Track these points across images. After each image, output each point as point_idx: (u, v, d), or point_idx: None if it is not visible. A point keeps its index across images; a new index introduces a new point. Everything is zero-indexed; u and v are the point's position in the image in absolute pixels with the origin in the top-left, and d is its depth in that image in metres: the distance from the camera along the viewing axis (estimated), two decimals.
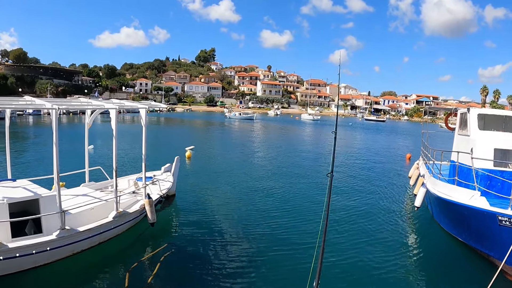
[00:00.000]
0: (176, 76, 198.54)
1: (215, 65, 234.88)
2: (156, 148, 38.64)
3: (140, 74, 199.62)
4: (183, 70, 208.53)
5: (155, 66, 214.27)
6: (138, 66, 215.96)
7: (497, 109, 22.49)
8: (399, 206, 21.63)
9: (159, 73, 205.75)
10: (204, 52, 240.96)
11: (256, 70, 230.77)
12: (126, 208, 14.24)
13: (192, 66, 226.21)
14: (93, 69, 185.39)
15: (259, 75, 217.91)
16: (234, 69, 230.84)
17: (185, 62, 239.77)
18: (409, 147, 55.59)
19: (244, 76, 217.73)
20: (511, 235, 11.90)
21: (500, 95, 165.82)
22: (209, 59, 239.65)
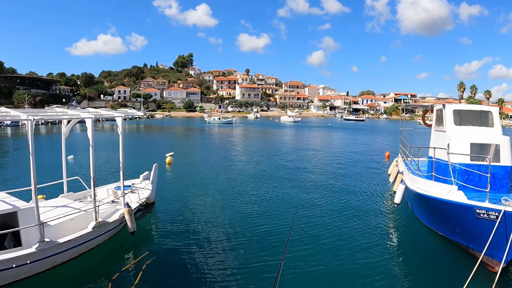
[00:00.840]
0: (155, 83, 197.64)
1: (193, 70, 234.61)
2: (136, 156, 38.33)
3: (118, 82, 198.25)
4: (162, 76, 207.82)
5: (133, 73, 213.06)
6: (116, 74, 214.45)
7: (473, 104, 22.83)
8: (380, 203, 21.80)
9: (137, 80, 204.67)
10: (182, 57, 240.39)
11: (235, 74, 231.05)
12: (105, 217, 14.07)
13: (170, 72, 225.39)
14: (70, 77, 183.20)
15: (237, 79, 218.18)
16: (212, 74, 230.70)
17: (163, 68, 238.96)
18: (388, 145, 56.09)
19: (223, 80, 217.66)
20: (489, 227, 12.09)
21: (477, 90, 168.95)
22: (187, 65, 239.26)
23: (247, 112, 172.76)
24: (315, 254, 14.21)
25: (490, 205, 12.34)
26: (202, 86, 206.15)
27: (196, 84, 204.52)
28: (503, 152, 15.83)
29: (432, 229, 16.66)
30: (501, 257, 11.88)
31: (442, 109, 18.49)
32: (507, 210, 11.70)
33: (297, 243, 15.11)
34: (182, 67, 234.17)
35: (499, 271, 11.51)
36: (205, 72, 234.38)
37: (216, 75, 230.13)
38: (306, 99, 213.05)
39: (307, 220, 18.09)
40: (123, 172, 15.20)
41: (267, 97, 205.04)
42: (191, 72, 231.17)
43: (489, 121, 17.59)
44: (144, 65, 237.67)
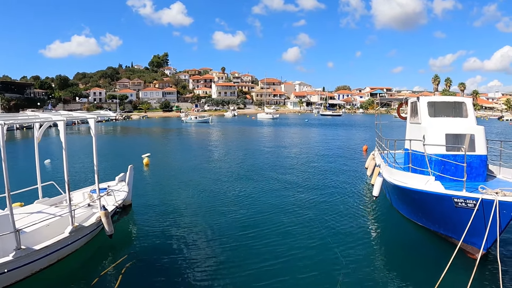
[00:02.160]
0: (130, 83, 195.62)
1: (169, 69, 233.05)
2: (112, 158, 37.87)
3: (93, 83, 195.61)
4: (137, 77, 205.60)
5: (108, 74, 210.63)
6: (91, 75, 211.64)
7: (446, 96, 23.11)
8: (358, 197, 21.95)
9: (113, 81, 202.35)
10: (157, 57, 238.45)
11: (210, 73, 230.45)
12: (82, 222, 13.81)
13: (146, 72, 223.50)
14: (45, 80, 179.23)
15: (213, 77, 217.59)
16: (188, 73, 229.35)
17: (138, 68, 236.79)
18: (365, 139, 56.61)
19: (199, 79, 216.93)
20: (467, 215, 12.27)
21: (451, 83, 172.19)
22: (162, 64, 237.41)
23: (224, 111, 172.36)
24: (295, 249, 14.22)
25: (468, 193, 12.54)
26: (178, 85, 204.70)
27: (172, 84, 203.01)
28: (478, 141, 16.05)
29: (411, 219, 16.84)
30: (481, 244, 12.07)
31: (417, 102, 18.68)
32: (484, 198, 11.89)
33: (277, 239, 15.13)
34: (157, 67, 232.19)
35: (478, 258, 11.69)
36: (180, 72, 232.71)
37: (192, 74, 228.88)
38: (283, 96, 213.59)
39: (287, 216, 18.10)
40: (98, 174, 14.97)
41: (244, 95, 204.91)
42: (166, 71, 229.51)
43: (463, 112, 17.84)
44: (119, 65, 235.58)
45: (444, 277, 10.73)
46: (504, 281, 10.78)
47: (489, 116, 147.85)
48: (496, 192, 12.01)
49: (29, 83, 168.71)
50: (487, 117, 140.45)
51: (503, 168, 16.96)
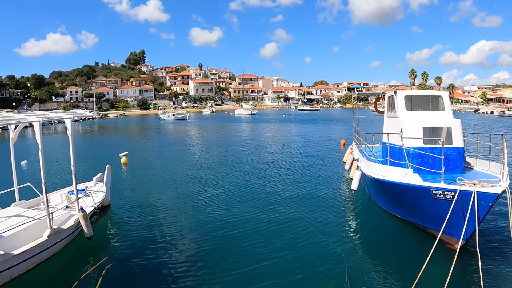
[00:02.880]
0: (107, 81, 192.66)
1: (146, 67, 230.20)
2: (90, 158, 37.22)
3: (69, 82, 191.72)
4: (114, 75, 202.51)
5: (84, 72, 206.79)
6: (67, 74, 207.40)
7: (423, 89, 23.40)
8: (337, 191, 22.11)
9: (89, 79, 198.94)
10: (134, 54, 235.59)
11: (188, 69, 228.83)
12: (60, 224, 13.53)
13: (123, 70, 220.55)
14: (20, 80, 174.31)
15: (190, 74, 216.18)
16: (165, 70, 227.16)
17: (115, 66, 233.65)
18: (343, 133, 56.96)
19: (176, 76, 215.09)
20: (446, 206, 12.45)
21: (428, 77, 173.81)
22: (139, 61, 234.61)
23: (201, 107, 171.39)
24: (276, 246, 14.26)
25: (446, 185, 12.73)
26: (155, 83, 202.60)
27: (149, 81, 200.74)
28: (455, 134, 16.30)
29: (390, 212, 17.03)
30: (460, 234, 12.28)
31: (394, 96, 18.85)
32: (462, 190, 12.09)
33: (258, 237, 15.14)
34: (134, 64, 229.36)
35: (458, 248, 11.85)
36: (158, 69, 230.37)
37: (169, 71, 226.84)
38: (260, 92, 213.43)
39: (267, 213, 18.10)
40: (75, 175, 14.70)
41: (221, 91, 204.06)
42: (143, 69, 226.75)
43: (440, 105, 18.07)
44: (95, 63, 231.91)
45: (425, 268, 10.87)
46: (484, 270, 10.96)
47: (465, 109, 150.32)
48: (474, 183, 12.21)
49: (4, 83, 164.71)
50: (464, 110, 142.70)
51: (480, 160, 17.25)
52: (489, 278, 11.51)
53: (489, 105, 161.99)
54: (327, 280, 11.69)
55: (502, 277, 11.76)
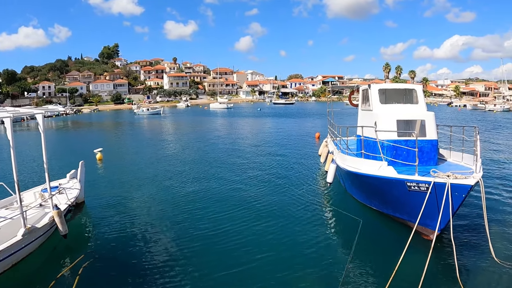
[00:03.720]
0: (80, 76, 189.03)
1: (120, 61, 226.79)
2: (63, 154, 36.54)
3: (42, 77, 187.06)
4: (87, 69, 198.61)
5: (57, 67, 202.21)
6: (40, 69, 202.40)
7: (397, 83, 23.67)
8: (313, 184, 22.23)
9: (62, 74, 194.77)
10: (108, 48, 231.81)
11: (162, 63, 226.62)
12: (35, 223, 13.18)
13: (96, 64, 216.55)
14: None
15: (165, 68, 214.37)
16: (139, 64, 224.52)
17: (88, 60, 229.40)
18: (317, 126, 57.25)
19: (150, 70, 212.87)
20: (421, 198, 12.64)
21: (402, 71, 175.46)
22: (113, 56, 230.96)
23: (176, 101, 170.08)
24: (252, 241, 14.25)
25: (420, 177, 12.90)
26: (129, 77, 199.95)
27: (123, 76, 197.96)
28: (428, 126, 16.51)
29: (365, 204, 17.19)
30: (435, 225, 12.48)
31: (368, 89, 18.97)
32: (436, 182, 12.28)
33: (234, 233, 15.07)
34: (108, 59, 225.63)
35: (434, 238, 12.03)
36: (132, 63, 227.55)
37: (143, 65, 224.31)
38: (235, 85, 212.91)
39: (243, 208, 18.09)
40: (49, 173, 14.39)
41: (196, 85, 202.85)
42: (117, 63, 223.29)
43: (413, 98, 18.28)
44: (68, 58, 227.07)
45: (402, 259, 11.02)
46: (459, 259, 11.20)
47: (438, 102, 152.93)
48: (447, 175, 12.39)
49: None
50: (437, 104, 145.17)
51: (453, 152, 17.53)
52: (464, 267, 11.78)
53: (462, 98, 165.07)
54: (304, 275, 11.71)
55: (476, 266, 12.03)
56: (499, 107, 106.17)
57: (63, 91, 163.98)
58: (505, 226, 15.08)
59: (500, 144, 37.91)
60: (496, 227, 14.78)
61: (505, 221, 15.62)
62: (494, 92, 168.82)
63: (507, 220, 15.81)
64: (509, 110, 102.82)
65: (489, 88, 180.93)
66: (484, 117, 78.89)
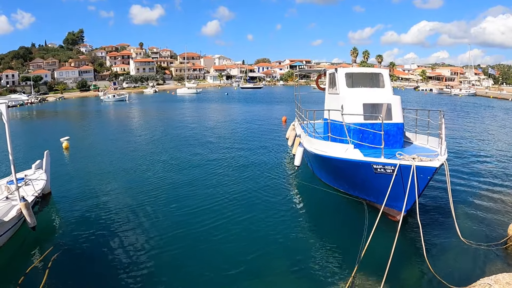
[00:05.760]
0: (45, 63, 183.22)
1: (85, 47, 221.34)
2: (29, 145, 35.50)
3: (5, 65, 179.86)
4: (51, 56, 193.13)
5: (20, 54, 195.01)
6: (3, 57, 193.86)
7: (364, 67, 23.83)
8: (280, 167, 22.38)
9: (26, 61, 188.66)
10: (72, 34, 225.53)
11: (128, 49, 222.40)
12: (2, 216, 12.79)
13: (61, 51, 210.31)
14: None
15: (131, 54, 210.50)
16: (105, 50, 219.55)
17: (52, 47, 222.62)
18: (285, 110, 57.39)
19: (116, 56, 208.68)
20: (387, 180, 12.81)
21: (369, 55, 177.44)
22: (78, 42, 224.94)
23: (143, 87, 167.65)
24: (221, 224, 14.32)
25: (386, 160, 13.08)
26: (95, 63, 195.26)
27: (89, 62, 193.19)
28: (394, 110, 16.72)
29: (333, 187, 17.38)
30: (401, 206, 12.69)
31: (335, 73, 19.03)
32: (402, 164, 12.46)
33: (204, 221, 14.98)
34: (72, 45, 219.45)
35: (400, 219, 12.24)
36: (97, 49, 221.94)
37: (109, 50, 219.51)
38: (202, 70, 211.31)
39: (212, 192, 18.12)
40: (14, 164, 13.96)
41: (163, 71, 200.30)
42: (82, 49, 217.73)
43: (380, 82, 18.47)
44: (32, 45, 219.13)
45: (370, 240, 11.16)
46: (426, 239, 11.48)
47: (405, 86, 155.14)
48: (413, 157, 12.60)
49: None
50: (404, 88, 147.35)
51: (419, 135, 17.86)
52: (431, 247, 12.13)
53: (428, 83, 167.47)
54: (272, 259, 11.80)
55: (443, 245, 12.38)
56: (464, 92, 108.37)
57: (27, 80, 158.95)
58: (469, 206, 15.55)
59: (464, 128, 38.87)
60: (461, 207, 15.23)
61: (469, 201, 16.11)
62: (459, 77, 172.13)
63: (471, 200, 16.31)
64: (475, 95, 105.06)
65: (455, 73, 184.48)
66: (449, 101, 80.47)
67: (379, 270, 10.24)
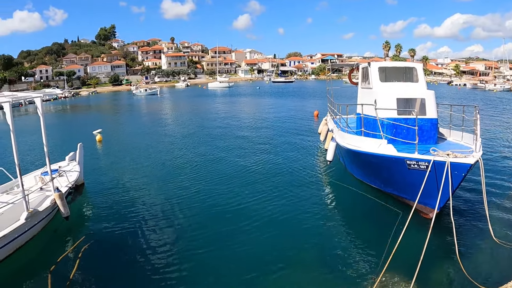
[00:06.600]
0: (77, 59, 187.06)
1: (117, 42, 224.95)
2: (63, 137, 36.54)
3: (39, 61, 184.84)
4: (84, 51, 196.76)
5: (54, 50, 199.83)
6: (36, 53, 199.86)
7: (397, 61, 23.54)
8: (313, 162, 22.33)
9: (59, 57, 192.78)
10: (104, 29, 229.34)
11: (159, 43, 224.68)
12: (36, 206, 13.23)
13: (93, 46, 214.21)
14: None
15: (162, 48, 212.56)
16: (136, 45, 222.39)
17: (85, 42, 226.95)
18: (317, 104, 57.09)
19: (148, 50, 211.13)
20: (420, 176, 12.61)
21: (401, 49, 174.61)
22: (110, 37, 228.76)
23: (175, 81, 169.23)
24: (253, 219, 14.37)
25: (420, 156, 12.89)
26: (127, 58, 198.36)
27: (121, 57, 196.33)
28: (428, 105, 16.48)
29: (365, 182, 17.24)
30: (434, 204, 12.49)
31: (368, 67, 18.88)
32: (436, 160, 12.25)
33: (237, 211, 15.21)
34: (105, 40, 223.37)
35: (433, 217, 12.01)
36: (129, 44, 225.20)
37: (141, 45, 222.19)
38: (234, 64, 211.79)
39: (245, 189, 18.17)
40: (49, 156, 14.37)
41: (194, 65, 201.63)
42: (114, 44, 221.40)
43: (413, 77, 18.23)
44: (65, 41, 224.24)
45: (402, 238, 10.99)
46: (458, 238, 11.18)
47: (438, 81, 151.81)
48: (447, 154, 12.36)
49: None
50: (437, 82, 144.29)
51: (453, 130, 17.50)
52: (464, 246, 11.88)
53: (462, 77, 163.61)
54: (304, 254, 11.83)
55: (475, 245, 12.15)
56: (499, 87, 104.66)
57: (61, 75, 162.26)
58: (504, 205, 15.16)
59: (499, 124, 37.75)
60: (495, 206, 14.86)
61: (504, 200, 15.70)
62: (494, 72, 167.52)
63: (506, 199, 15.89)
64: (510, 90, 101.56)
65: (489, 67, 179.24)
66: (484, 97, 78.41)
67: (409, 268, 10.14)
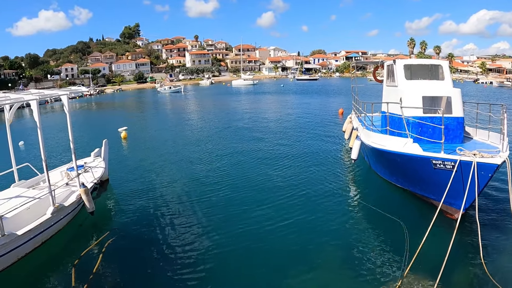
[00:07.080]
0: (102, 57, 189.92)
1: (141, 40, 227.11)
2: (88, 134, 37.21)
3: (64, 59, 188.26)
4: (109, 50, 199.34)
5: (79, 49, 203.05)
6: (62, 51, 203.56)
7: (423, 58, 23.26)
8: (337, 160, 22.26)
9: (84, 55, 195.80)
10: (128, 28, 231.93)
11: (183, 41, 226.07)
12: (62, 201, 13.59)
13: (118, 45, 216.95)
14: (14, 60, 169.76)
15: (186, 46, 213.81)
16: (161, 43, 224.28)
17: (109, 41, 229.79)
18: (341, 102, 56.80)
19: (172, 48, 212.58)
20: (446, 176, 12.44)
21: (427, 46, 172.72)
22: (134, 35, 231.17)
23: (199, 79, 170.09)
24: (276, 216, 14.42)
25: (446, 155, 12.71)
26: (151, 56, 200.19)
27: (145, 55, 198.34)
28: (454, 103, 16.19)
29: (390, 181, 17.09)
30: (460, 204, 12.31)
31: (393, 65, 18.70)
32: (462, 160, 12.05)
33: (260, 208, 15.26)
34: (129, 38, 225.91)
35: (458, 218, 11.89)
36: (153, 42, 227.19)
37: (165, 43, 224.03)
38: (258, 62, 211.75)
39: (270, 184, 18.26)
40: (75, 152, 14.67)
41: (218, 62, 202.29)
42: (139, 42, 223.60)
43: (439, 74, 17.94)
44: (90, 39, 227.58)
45: (426, 238, 10.90)
46: (483, 239, 11.01)
47: (464, 79, 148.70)
48: (474, 153, 12.16)
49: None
50: (463, 80, 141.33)
51: (480, 130, 17.15)
52: (489, 248, 11.65)
53: (488, 75, 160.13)
54: (328, 252, 11.82)
55: (501, 247, 11.92)
56: None
57: (86, 72, 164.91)
58: None
59: None
60: None
61: None
62: None
63: None
64: None
65: None
66: (511, 95, 76.87)
67: (433, 269, 10.05)
